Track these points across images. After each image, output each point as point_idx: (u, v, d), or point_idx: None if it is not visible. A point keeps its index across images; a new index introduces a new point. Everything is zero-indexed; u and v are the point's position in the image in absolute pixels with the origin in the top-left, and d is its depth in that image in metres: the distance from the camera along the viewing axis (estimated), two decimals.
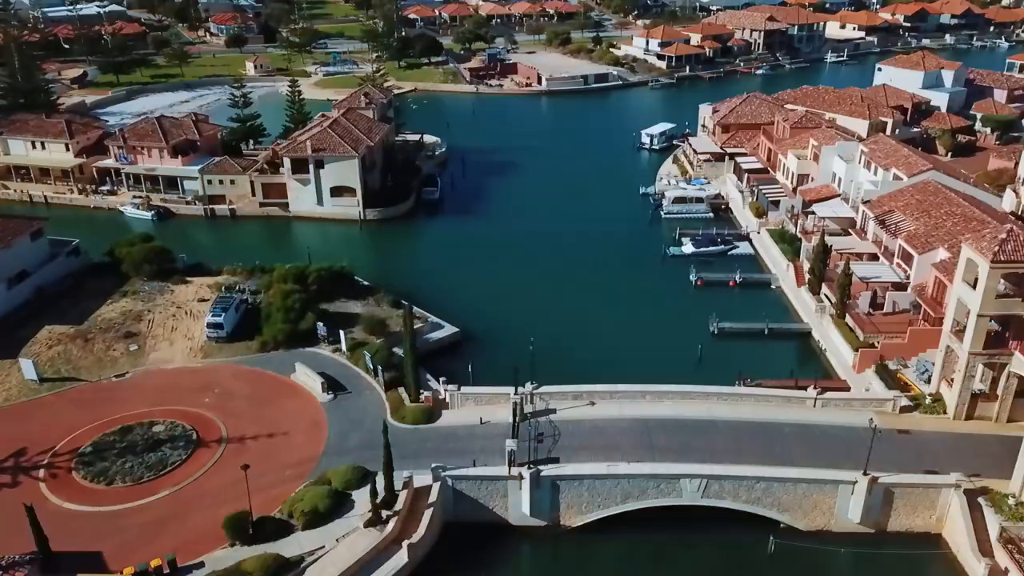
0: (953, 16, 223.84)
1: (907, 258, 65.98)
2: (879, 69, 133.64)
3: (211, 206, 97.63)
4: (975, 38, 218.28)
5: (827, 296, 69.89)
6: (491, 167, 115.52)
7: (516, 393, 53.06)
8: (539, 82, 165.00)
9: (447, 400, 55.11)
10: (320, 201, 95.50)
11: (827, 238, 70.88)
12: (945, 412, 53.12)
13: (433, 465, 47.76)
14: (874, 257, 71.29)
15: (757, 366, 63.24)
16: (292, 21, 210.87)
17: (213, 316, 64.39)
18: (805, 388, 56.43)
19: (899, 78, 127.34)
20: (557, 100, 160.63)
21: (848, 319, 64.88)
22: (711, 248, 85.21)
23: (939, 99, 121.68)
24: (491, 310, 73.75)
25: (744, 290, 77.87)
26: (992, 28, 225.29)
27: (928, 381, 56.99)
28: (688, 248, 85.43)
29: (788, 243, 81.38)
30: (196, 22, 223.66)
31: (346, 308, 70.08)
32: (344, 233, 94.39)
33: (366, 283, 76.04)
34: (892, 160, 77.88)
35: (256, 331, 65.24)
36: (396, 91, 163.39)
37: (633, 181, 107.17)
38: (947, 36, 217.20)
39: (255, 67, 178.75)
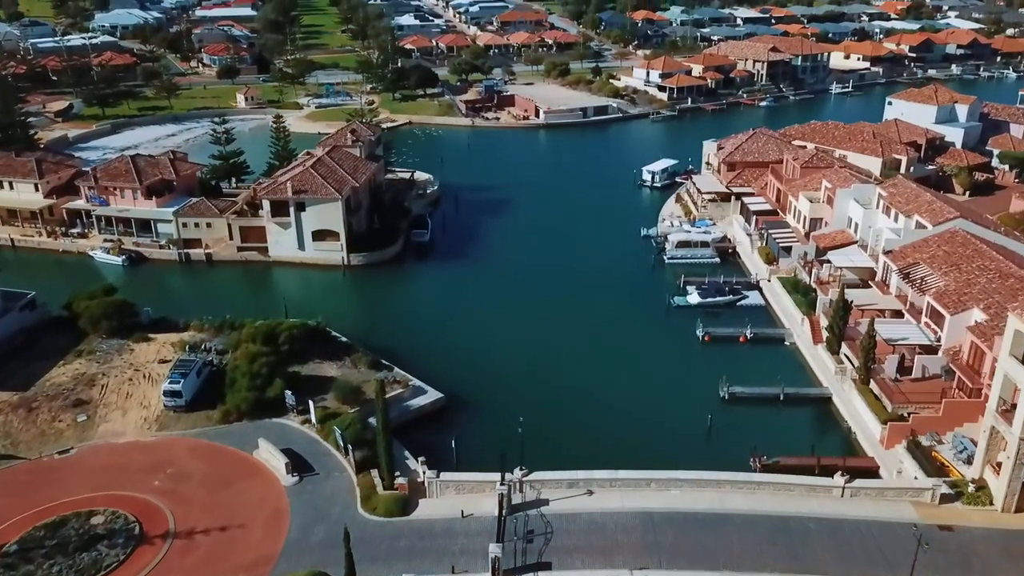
0: (959, 46, 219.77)
1: (937, 317, 59.91)
2: (889, 103, 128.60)
3: (186, 251, 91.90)
4: (982, 68, 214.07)
5: (848, 357, 63.78)
6: (485, 206, 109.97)
7: (503, 482, 46.71)
8: (537, 115, 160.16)
9: (425, 486, 48.74)
10: (301, 245, 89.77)
11: (846, 291, 64.82)
12: (992, 503, 46.73)
13: (404, 575, 41.33)
14: (898, 314, 65.24)
15: (773, 439, 57.09)
16: (286, 52, 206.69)
17: (171, 383, 58.25)
18: (829, 468, 50.21)
19: (911, 112, 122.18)
20: (555, 133, 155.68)
21: (873, 385, 58.68)
22: (718, 298, 79.20)
23: (954, 134, 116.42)
24: (480, 369, 67.67)
25: (755, 347, 71.70)
26: (999, 58, 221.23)
27: (968, 462, 50.67)
28: (694, 298, 79.43)
29: (802, 294, 75.41)
30: (189, 53, 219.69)
31: (320, 370, 63.94)
32: (326, 280, 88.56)
33: (344, 339, 69.93)
34: (914, 206, 72.11)
35: (219, 398, 59.12)
36: (390, 124, 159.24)
37: (634, 222, 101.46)
38: (953, 67, 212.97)
39: (246, 99, 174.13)
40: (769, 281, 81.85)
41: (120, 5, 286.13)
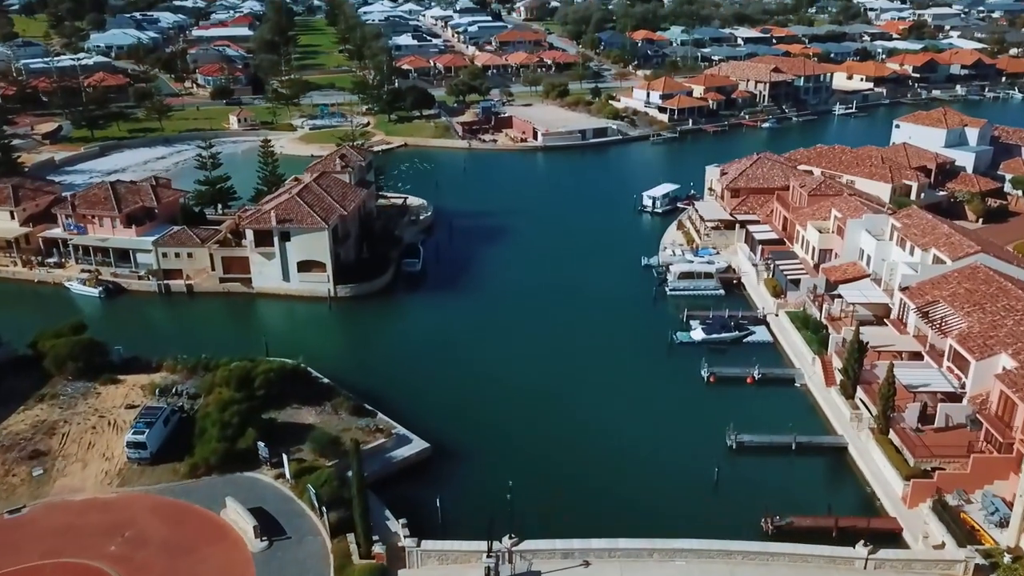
0: (963, 67, 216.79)
1: (960, 362, 55.66)
2: (897, 126, 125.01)
3: (166, 282, 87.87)
4: (987, 89, 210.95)
5: (864, 403, 59.51)
6: (480, 233, 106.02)
7: (490, 552, 42.33)
8: (535, 137, 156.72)
9: (406, 555, 44.33)
10: (286, 277, 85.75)
11: (858, 327, 60.59)
12: None
13: None
14: (917, 356, 61.01)
15: (785, 494, 52.87)
16: (282, 72, 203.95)
17: (134, 433, 53.97)
18: (848, 531, 45.84)
19: (919, 136, 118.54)
20: (553, 156, 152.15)
21: (892, 435, 54.39)
22: (723, 335, 74.97)
23: (964, 159, 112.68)
24: (470, 414, 63.46)
25: (763, 388, 67.38)
26: (1003, 79, 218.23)
27: (1000, 525, 46.27)
28: (698, 334, 75.21)
29: (812, 330, 71.20)
30: (184, 73, 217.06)
31: (298, 417, 59.64)
32: (311, 313, 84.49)
33: (325, 381, 65.70)
34: (931, 239, 68.08)
35: (189, 448, 54.81)
36: (385, 147, 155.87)
37: (634, 250, 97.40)
38: (958, 87, 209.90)
39: (239, 120, 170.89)
40: (777, 316, 77.72)
41: (117, 25, 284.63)
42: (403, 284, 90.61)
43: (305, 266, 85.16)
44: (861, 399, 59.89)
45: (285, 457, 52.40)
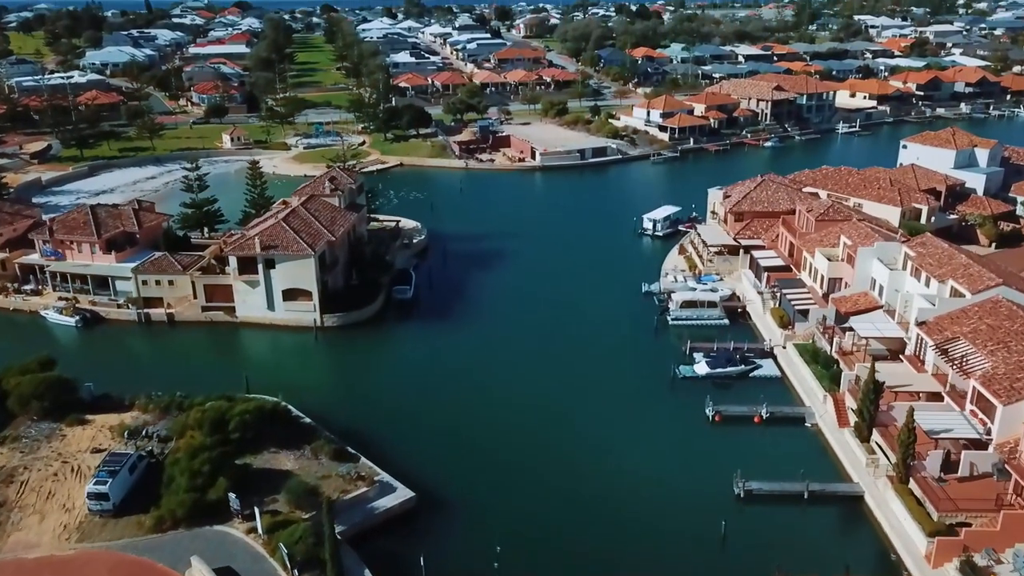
0: (967, 84, 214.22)
1: (985, 405, 51.86)
2: (904, 146, 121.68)
3: (146, 310, 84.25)
4: (992, 107, 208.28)
5: (880, 446, 55.65)
6: (475, 257, 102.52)
7: None
8: (533, 156, 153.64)
9: None
10: (271, 305, 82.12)
11: (873, 366, 56.78)
12: None
13: None
14: (936, 397, 57.20)
15: (799, 550, 49.05)
16: (277, 90, 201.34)
17: (96, 483, 50.09)
18: None
19: (927, 156, 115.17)
20: (552, 176, 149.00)
21: (913, 484, 50.48)
22: (729, 369, 71.17)
23: (975, 180, 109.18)
24: (461, 456, 59.73)
25: (772, 428, 63.46)
26: (1008, 96, 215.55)
27: None
28: (701, 368, 71.42)
29: (822, 365, 67.42)
30: (178, 91, 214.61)
31: (275, 462, 55.78)
32: (297, 343, 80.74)
33: (307, 420, 61.95)
34: (948, 270, 64.41)
35: (156, 498, 50.91)
36: (380, 166, 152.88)
37: (634, 275, 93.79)
38: (962, 105, 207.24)
39: (232, 139, 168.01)
40: (784, 348, 73.94)
41: (113, 43, 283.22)
42: (393, 312, 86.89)
43: (291, 295, 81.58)
44: (877, 443, 56.04)
45: (257, 511, 48.48)
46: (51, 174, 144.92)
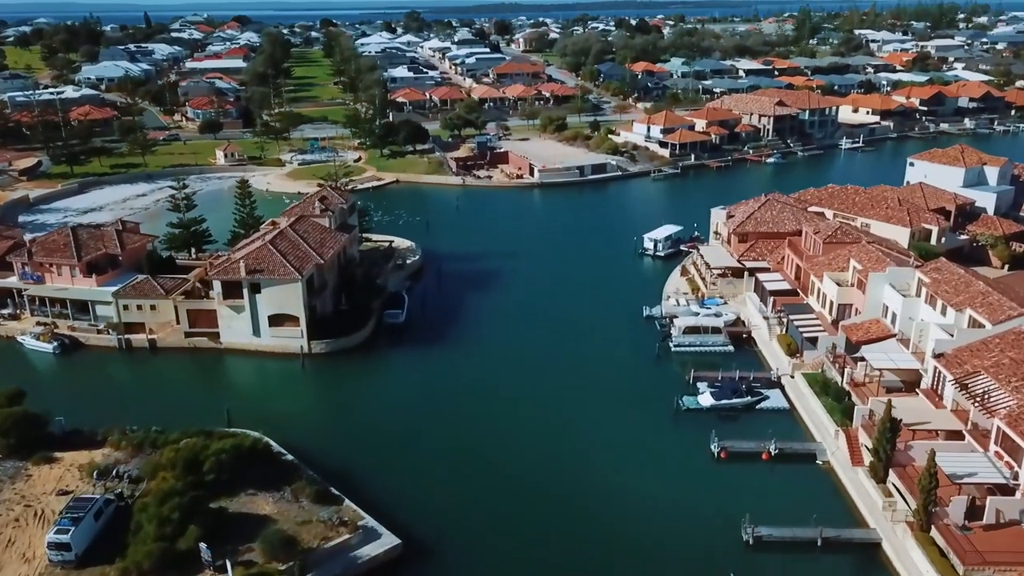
0: (971, 99, 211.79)
1: (1010, 445, 48.47)
2: (911, 164, 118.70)
3: (127, 336, 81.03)
4: (996, 122, 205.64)
5: (898, 489, 52.20)
6: (471, 278, 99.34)
7: None
8: (531, 173, 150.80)
9: None
10: (256, 331, 78.85)
11: (890, 403, 53.40)
12: None
13: None
14: (957, 435, 53.81)
15: None
16: (273, 104, 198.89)
17: (58, 531, 46.61)
18: None
19: (935, 174, 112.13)
20: (550, 193, 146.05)
21: (935, 533, 47.00)
22: (734, 400, 67.77)
23: (985, 199, 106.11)
24: (451, 497, 56.37)
25: (781, 465, 59.98)
26: (1013, 112, 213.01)
27: None
28: (706, 399, 68.04)
29: (833, 397, 64.04)
30: (173, 106, 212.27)
31: (252, 505, 52.33)
32: (283, 371, 77.40)
33: (289, 457, 58.58)
34: (966, 298, 61.15)
35: (123, 547, 47.43)
36: (376, 183, 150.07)
37: (635, 298, 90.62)
38: (966, 120, 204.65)
39: (226, 155, 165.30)
40: (792, 377, 70.62)
41: (110, 57, 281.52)
42: (384, 338, 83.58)
43: (277, 320, 78.35)
44: (894, 484, 52.61)
45: (229, 563, 44.99)
46: (40, 191, 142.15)
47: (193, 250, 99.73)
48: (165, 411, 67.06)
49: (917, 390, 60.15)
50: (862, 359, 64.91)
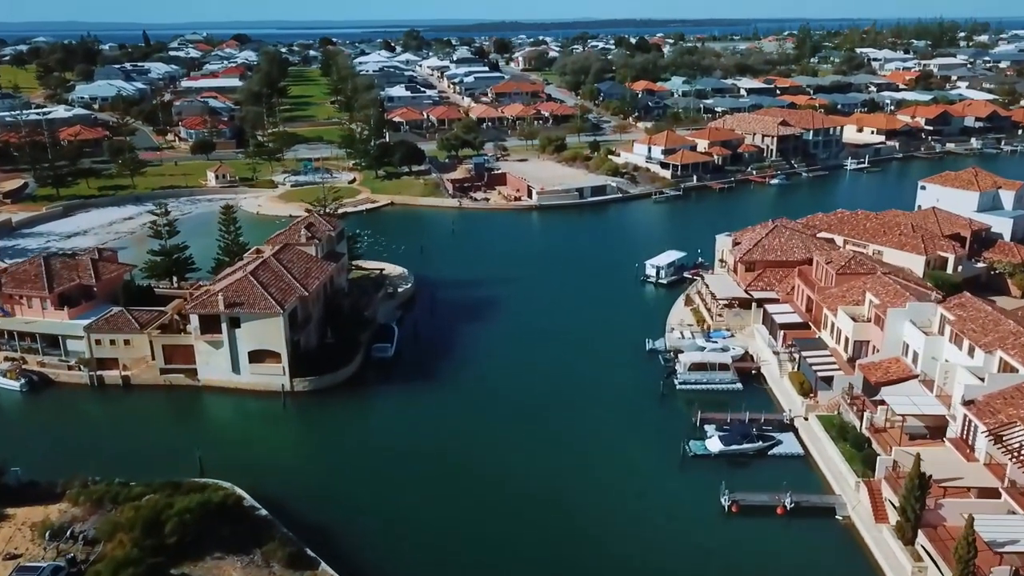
0: (978, 119, 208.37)
1: None
2: (922, 187, 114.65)
3: (99, 372, 76.53)
4: (1003, 142, 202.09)
5: (928, 553, 47.44)
6: (465, 307, 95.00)
7: None
8: (529, 195, 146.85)
9: None
10: (236, 368, 74.35)
11: (919, 458, 48.80)
12: None
13: None
14: (992, 493, 49.09)
15: None
16: (267, 124, 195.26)
17: None
18: None
19: (948, 199, 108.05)
20: (549, 216, 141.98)
21: None
22: (745, 445, 63.11)
23: (1001, 225, 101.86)
24: (442, 554, 51.67)
25: (797, 519, 55.29)
26: (1020, 131, 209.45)
27: None
28: (714, 444, 63.40)
29: (853, 444, 59.41)
30: (166, 126, 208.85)
31: (218, 572, 47.57)
32: (263, 411, 72.80)
33: (263, 512, 53.94)
34: (995, 339, 56.68)
35: None
36: (370, 205, 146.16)
37: (637, 330, 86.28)
38: (973, 140, 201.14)
39: (217, 177, 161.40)
40: (807, 420, 66.01)
41: (105, 76, 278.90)
42: (372, 374, 79.00)
43: (257, 356, 73.86)
44: (924, 547, 47.86)
45: None
46: (23, 214, 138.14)
47: (175, 278, 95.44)
48: (134, 457, 63.06)
49: (945, 439, 55.50)
50: (882, 402, 60.30)
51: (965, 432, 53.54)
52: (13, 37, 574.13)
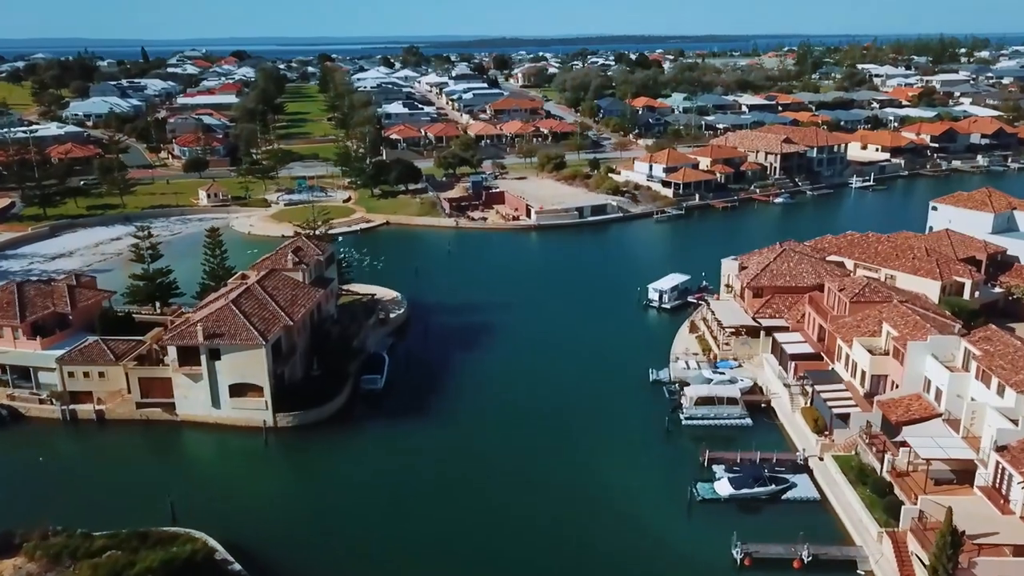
0: (983, 136, 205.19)
1: None
2: (934, 208, 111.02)
3: (72, 406, 72.40)
4: (1010, 159, 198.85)
5: None
6: (461, 334, 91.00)
7: None
8: (528, 214, 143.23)
9: None
10: (216, 402, 70.29)
11: (951, 513, 44.63)
12: None
13: None
14: None
15: None
16: (260, 141, 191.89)
17: None
18: None
19: (961, 220, 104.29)
20: (548, 236, 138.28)
21: None
22: (756, 489, 58.92)
23: (1018, 248, 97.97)
24: None
25: (815, 573, 51.06)
26: None
27: None
28: (724, 487, 59.20)
29: (873, 489, 55.30)
30: (159, 143, 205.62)
31: None
32: (244, 448, 68.67)
33: (236, 567, 49.78)
34: None
35: None
36: (365, 225, 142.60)
37: (640, 357, 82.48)
38: (979, 157, 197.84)
39: (208, 195, 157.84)
40: (822, 460, 61.85)
41: (100, 93, 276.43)
42: (361, 407, 74.88)
43: (239, 390, 69.81)
44: None
45: None
46: (8, 235, 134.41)
47: (159, 304, 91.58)
48: (104, 501, 59.38)
49: (974, 487, 51.33)
50: (904, 443, 56.17)
51: (998, 481, 49.38)
52: (13, 54, 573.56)
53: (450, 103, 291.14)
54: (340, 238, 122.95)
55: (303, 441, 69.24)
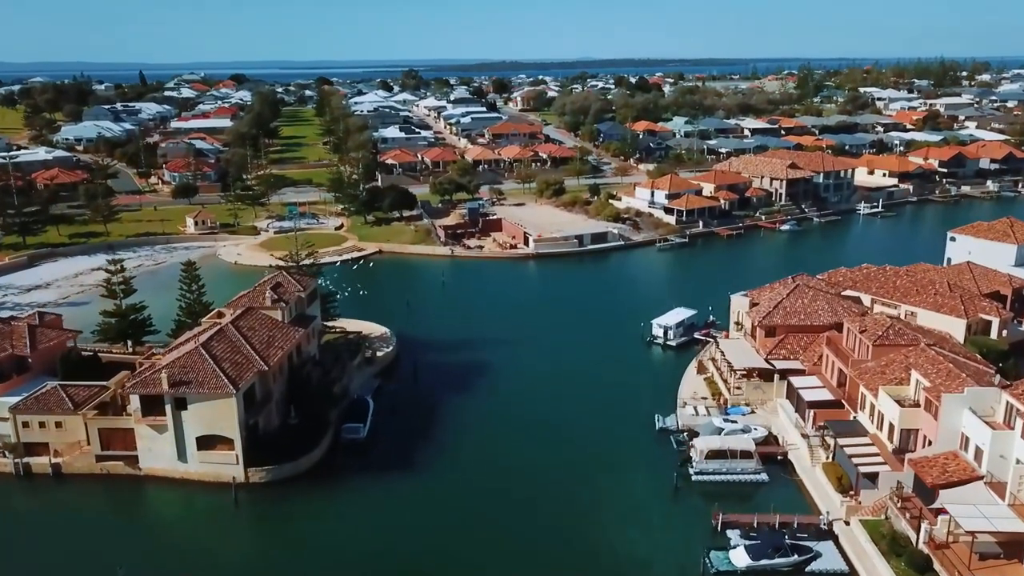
0: (993, 160, 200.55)
1: None
2: (952, 239, 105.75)
3: (26, 459, 66.37)
4: (1020, 184, 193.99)
5: None
6: (452, 375, 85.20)
7: None
8: (526, 243, 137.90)
9: None
10: (182, 456, 64.32)
11: (981, 569, 38.75)
12: None
13: None
14: None
15: None
16: (253, 166, 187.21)
17: None
18: None
19: (981, 251, 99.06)
20: (547, 265, 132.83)
21: None
22: (777, 560, 52.77)
23: None
24: None
25: None
26: None
27: None
28: (741, 558, 53.06)
29: (910, 563, 49.26)
30: (149, 168, 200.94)
31: None
32: (211, 507, 62.51)
33: None
34: None
35: None
36: (356, 254, 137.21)
37: (645, 400, 76.76)
38: (988, 183, 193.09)
39: (196, 223, 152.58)
40: (848, 524, 55.78)
41: (93, 116, 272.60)
42: (342, 460, 68.74)
43: (207, 442, 63.87)
44: None
45: None
46: None
47: (131, 342, 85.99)
48: (51, 568, 52.89)
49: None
50: (942, 511, 50.17)
51: None
52: (12, 78, 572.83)
53: (448, 127, 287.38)
54: (337, 263, 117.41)
55: (277, 498, 63.11)
